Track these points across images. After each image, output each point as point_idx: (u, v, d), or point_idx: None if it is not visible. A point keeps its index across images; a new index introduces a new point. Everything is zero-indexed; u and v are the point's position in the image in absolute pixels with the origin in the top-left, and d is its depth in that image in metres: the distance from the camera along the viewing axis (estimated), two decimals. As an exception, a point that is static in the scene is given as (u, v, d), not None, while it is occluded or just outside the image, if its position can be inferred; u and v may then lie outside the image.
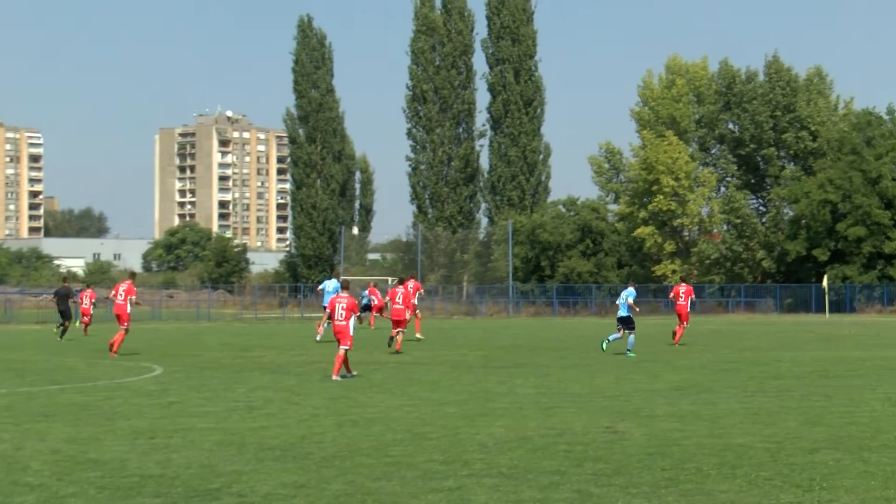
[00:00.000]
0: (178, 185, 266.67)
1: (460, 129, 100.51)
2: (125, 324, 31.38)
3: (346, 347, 23.59)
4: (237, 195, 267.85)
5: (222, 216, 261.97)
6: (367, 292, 49.13)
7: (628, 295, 32.18)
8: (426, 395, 19.91)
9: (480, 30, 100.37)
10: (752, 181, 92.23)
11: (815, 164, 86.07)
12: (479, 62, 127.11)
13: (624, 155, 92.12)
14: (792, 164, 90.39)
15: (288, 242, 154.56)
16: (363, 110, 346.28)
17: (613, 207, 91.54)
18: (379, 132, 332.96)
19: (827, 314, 71.88)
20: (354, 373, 24.24)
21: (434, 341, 39.60)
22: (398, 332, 32.75)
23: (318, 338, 37.64)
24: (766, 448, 13.42)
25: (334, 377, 23.25)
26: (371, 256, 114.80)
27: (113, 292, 33.19)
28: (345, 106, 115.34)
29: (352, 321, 24.42)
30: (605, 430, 15.12)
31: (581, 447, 13.55)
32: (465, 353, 32.47)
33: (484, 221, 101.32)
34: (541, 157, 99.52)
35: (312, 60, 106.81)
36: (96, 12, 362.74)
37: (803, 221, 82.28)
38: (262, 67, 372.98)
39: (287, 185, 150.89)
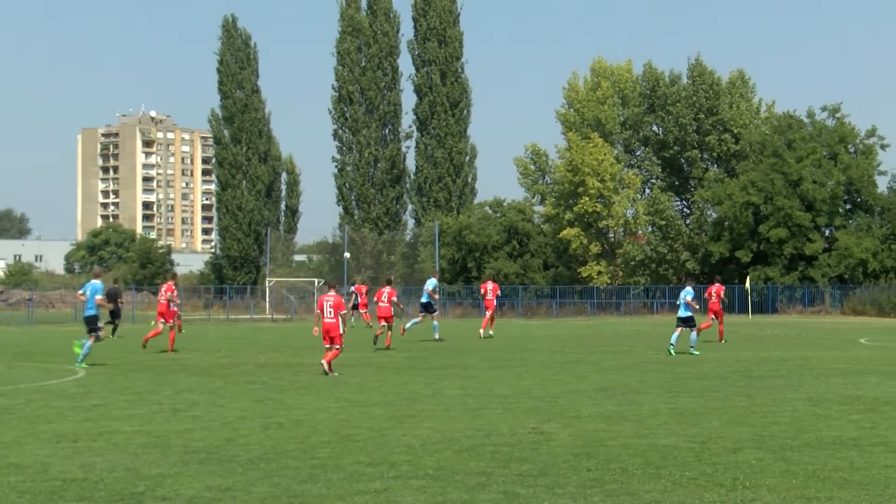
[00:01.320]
0: (101, 185, 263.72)
1: (387, 131, 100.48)
2: (170, 321, 34.38)
3: (339, 347, 24.91)
4: (161, 196, 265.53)
5: (146, 217, 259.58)
6: (353, 289, 50.71)
7: (686, 294, 33.14)
8: (353, 397, 19.86)
9: (406, 31, 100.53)
10: (677, 183, 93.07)
11: (738, 166, 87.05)
12: (406, 64, 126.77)
13: (550, 157, 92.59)
14: (715, 166, 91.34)
15: (213, 244, 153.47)
16: (289, 111, 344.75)
17: (539, 209, 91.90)
18: (305, 133, 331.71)
19: (750, 315, 72.73)
20: (336, 373, 24.75)
21: (360, 343, 39.53)
22: (386, 329, 35.84)
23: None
24: (691, 448, 13.55)
25: (331, 373, 24.52)
26: (297, 258, 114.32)
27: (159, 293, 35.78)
28: (271, 107, 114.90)
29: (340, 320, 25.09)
30: (532, 431, 15.17)
31: (507, 448, 13.58)
32: (391, 355, 32.43)
33: (410, 223, 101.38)
34: (467, 158, 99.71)
35: (237, 61, 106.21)
36: (18, 9, 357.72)
37: (726, 223, 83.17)
38: (186, 68, 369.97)
39: (212, 186, 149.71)
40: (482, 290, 45.28)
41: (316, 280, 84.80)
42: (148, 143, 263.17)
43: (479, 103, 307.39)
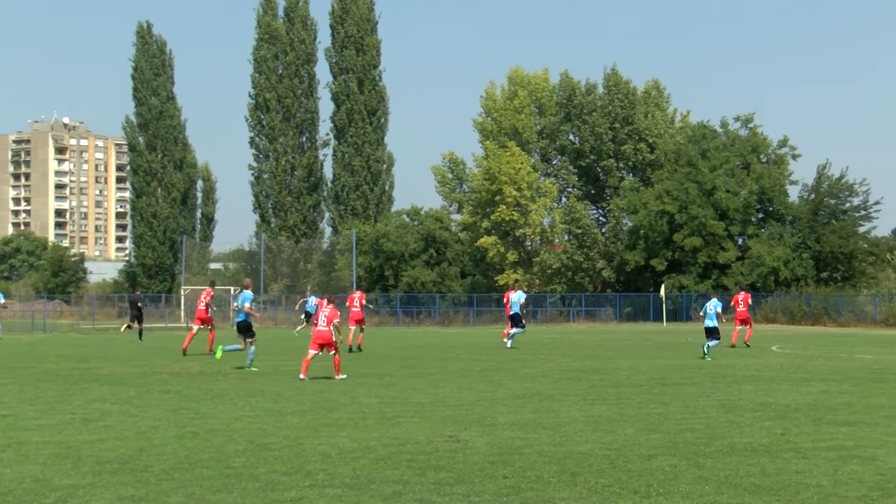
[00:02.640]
0: (12, 192, 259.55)
1: (304, 139, 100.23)
2: (209, 325, 37.65)
3: (337, 352, 26.21)
4: (74, 203, 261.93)
5: (59, 225, 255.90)
6: (315, 302, 52.75)
7: (715, 306, 35.01)
8: (269, 406, 19.73)
9: (324, 39, 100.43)
10: (593, 192, 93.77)
11: (653, 175, 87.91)
12: (323, 71, 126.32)
13: (467, 165, 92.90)
14: (631, 175, 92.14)
15: (127, 252, 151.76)
16: (205, 118, 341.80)
17: (457, 217, 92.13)
18: (221, 141, 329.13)
19: (664, 323, 73.46)
20: (343, 376, 26.21)
21: (277, 352, 39.30)
22: (357, 330, 39.31)
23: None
24: (606, 455, 13.63)
25: (338, 376, 25.89)
26: (213, 266, 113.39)
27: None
28: (186, 114, 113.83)
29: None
30: (448, 439, 15.17)
31: (424, 456, 13.57)
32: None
33: (328, 231, 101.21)
34: (384, 166, 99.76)
35: (152, 67, 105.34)
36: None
37: (641, 232, 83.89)
38: (100, 74, 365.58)
39: (126, 194, 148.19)
40: (504, 299, 46.58)
41: (232, 288, 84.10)
42: (61, 150, 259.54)
43: (397, 111, 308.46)
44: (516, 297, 41.15)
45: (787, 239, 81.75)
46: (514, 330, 41.24)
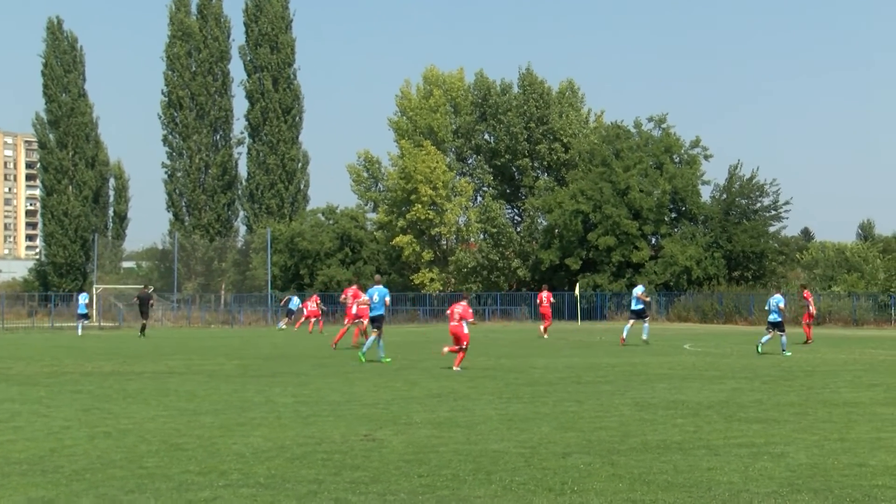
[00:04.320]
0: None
1: (217, 137, 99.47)
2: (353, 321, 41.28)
3: (465, 347, 28.66)
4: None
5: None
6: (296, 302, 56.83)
7: (778, 301, 36.26)
8: (182, 406, 19.55)
9: (238, 36, 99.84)
10: (508, 191, 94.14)
11: (568, 175, 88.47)
12: (237, 69, 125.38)
13: (382, 164, 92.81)
14: (546, 174, 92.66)
15: (38, 250, 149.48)
16: (118, 115, 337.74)
17: (372, 216, 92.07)
18: (134, 138, 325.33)
19: (579, 321, 73.95)
20: (459, 368, 28.26)
21: (191, 350, 38.98)
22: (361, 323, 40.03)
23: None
24: (521, 453, 13.68)
25: (456, 368, 28.08)
26: (126, 265, 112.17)
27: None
28: (98, 111, 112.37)
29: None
30: (364, 438, 15.14)
31: (339, 456, 13.53)
32: (222, 363, 32.03)
33: (242, 229, 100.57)
34: (299, 165, 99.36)
35: (63, 64, 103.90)
36: None
37: (556, 231, 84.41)
38: (8, 70, 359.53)
39: (37, 192, 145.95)
40: (538, 300, 53.13)
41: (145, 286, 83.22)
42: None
43: (312, 109, 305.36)
44: (637, 291, 43.65)
45: (699, 238, 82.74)
46: (635, 322, 44.01)
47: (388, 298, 32.77)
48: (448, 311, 30.42)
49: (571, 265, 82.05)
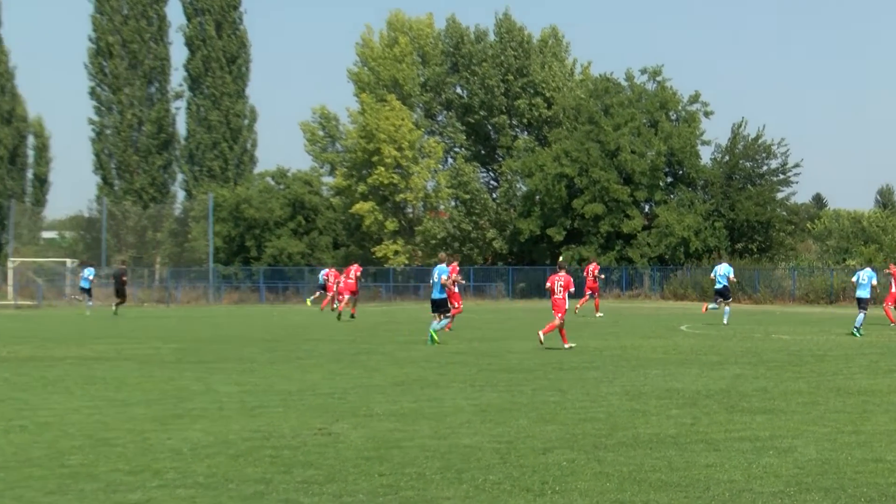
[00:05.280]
0: None
1: (153, 89, 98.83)
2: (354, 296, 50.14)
3: (561, 319, 30.87)
4: None
5: None
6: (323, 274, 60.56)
7: (870, 277, 36.86)
8: (111, 396, 19.48)
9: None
10: (483, 152, 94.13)
11: (550, 134, 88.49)
12: (175, 13, 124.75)
13: (341, 121, 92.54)
14: (525, 133, 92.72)
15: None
16: (38, 65, 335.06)
17: (329, 180, 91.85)
18: (57, 91, 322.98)
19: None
20: (571, 344, 30.40)
21: (121, 333, 38.87)
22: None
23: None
24: (496, 449, 13.69)
25: (566, 344, 30.20)
26: (46, 234, 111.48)
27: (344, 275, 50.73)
28: (15, 60, 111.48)
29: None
30: (318, 431, 15.13)
31: (290, 452, 13.51)
32: (157, 347, 31.96)
33: (180, 195, 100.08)
34: (246, 121, 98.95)
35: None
36: None
37: (537, 197, 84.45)
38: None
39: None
40: (585, 272, 54.33)
41: (68, 260, 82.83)
42: None
43: (260, 59, 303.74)
44: (724, 270, 44.10)
45: (698, 206, 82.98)
46: (712, 305, 44.92)
47: (444, 276, 33.71)
48: (548, 285, 32.00)
49: (554, 236, 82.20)
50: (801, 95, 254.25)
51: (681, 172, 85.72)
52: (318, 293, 63.00)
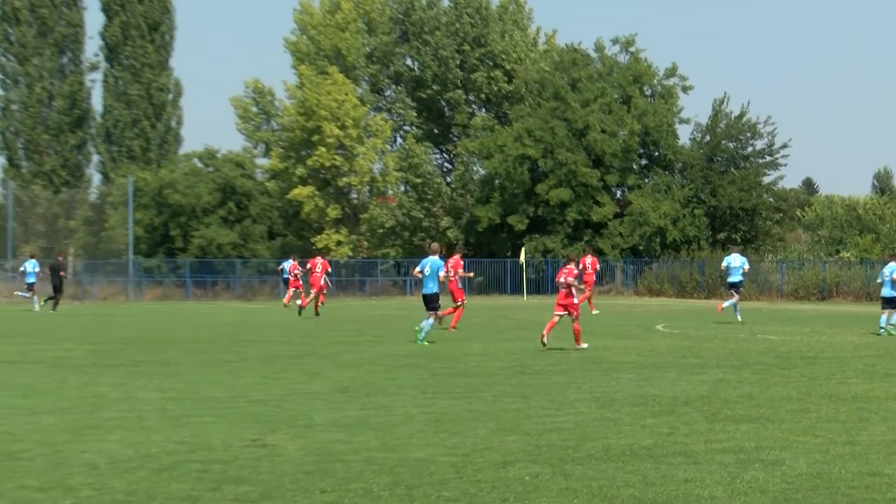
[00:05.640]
0: None
1: (65, 60, 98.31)
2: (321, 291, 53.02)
3: (577, 315, 31.33)
4: None
5: None
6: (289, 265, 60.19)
7: (892, 271, 36.31)
8: (18, 403, 19.39)
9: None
10: (436, 131, 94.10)
11: (512, 110, 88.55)
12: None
13: (276, 96, 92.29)
14: (483, 110, 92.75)
15: None
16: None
17: (264, 162, 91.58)
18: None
19: (525, 296, 74.17)
20: (585, 345, 30.71)
21: (29, 332, 38.65)
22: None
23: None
24: (451, 462, 13.71)
25: (579, 345, 30.58)
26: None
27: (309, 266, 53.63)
28: None
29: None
30: (251, 443, 15.11)
31: (220, 466, 13.49)
32: (70, 348, 31.83)
33: (96, 178, 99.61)
34: (170, 96, 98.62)
35: None
36: None
37: (497, 182, 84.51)
38: None
39: None
40: (581, 264, 51.58)
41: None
42: None
43: (186, 26, 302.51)
44: (740, 262, 45.18)
45: (675, 191, 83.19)
46: (729, 302, 44.67)
47: (441, 273, 34.35)
48: (561, 279, 31.78)
49: (515, 225, 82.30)
50: (790, 69, 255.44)
51: (656, 154, 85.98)
52: (291, 291, 62.32)
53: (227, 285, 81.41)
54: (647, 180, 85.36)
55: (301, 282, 58.99)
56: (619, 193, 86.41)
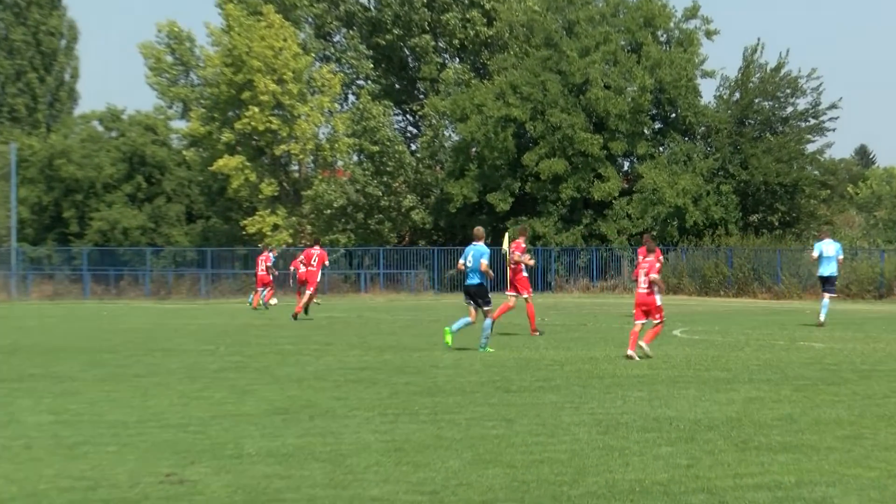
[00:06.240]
0: None
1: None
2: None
3: (661, 321, 32.05)
4: None
5: None
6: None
7: None
8: None
9: None
10: (398, 87, 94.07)
11: (492, 61, 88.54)
12: None
13: (197, 43, 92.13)
14: (457, 61, 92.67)
15: None
16: None
17: (181, 126, 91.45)
18: None
19: (509, 294, 74.07)
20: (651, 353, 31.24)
21: None
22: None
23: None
24: (416, 502, 13.74)
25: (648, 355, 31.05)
26: None
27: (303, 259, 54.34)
28: None
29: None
30: (165, 479, 15.11)
31: (126, 508, 13.50)
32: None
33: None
34: (63, 42, 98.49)
35: None
36: None
37: (474, 151, 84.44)
38: None
39: None
40: (640, 256, 50.97)
41: None
42: None
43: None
44: (835, 250, 45.36)
45: (697, 163, 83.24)
46: (825, 303, 45.08)
47: (484, 260, 34.85)
48: (634, 273, 32.51)
49: (497, 204, 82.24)
50: (839, 10, 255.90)
51: (673, 116, 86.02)
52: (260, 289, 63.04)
53: (136, 280, 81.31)
54: (661, 149, 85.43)
55: (271, 277, 59.80)
56: (626, 165, 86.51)
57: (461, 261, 35.57)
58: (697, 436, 18.45)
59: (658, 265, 32.12)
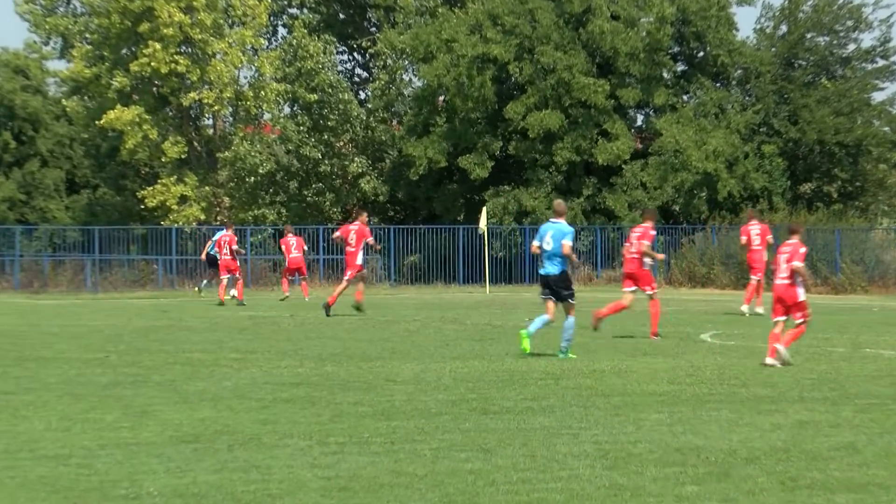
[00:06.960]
0: None
1: None
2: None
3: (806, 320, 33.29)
4: None
5: None
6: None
7: None
8: None
9: None
10: (342, 17, 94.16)
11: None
12: None
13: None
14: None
15: None
16: None
17: (59, 67, 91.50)
18: None
19: (488, 285, 74.24)
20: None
21: None
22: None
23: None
24: (366, 556, 13.80)
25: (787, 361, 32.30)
26: None
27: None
28: None
29: None
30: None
31: (-10, 564, 13.53)
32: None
33: None
34: None
35: None
36: None
37: (442, 100, 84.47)
38: None
39: None
40: (743, 239, 55.06)
41: None
42: None
43: None
44: None
45: (732, 117, 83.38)
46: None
47: (567, 241, 36.11)
48: (773, 261, 33.15)
49: (472, 170, 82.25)
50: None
51: (701, 55, 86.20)
52: (211, 273, 64.65)
53: (1, 267, 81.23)
54: (685, 98, 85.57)
55: (237, 263, 60.64)
56: (640, 119, 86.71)
57: (535, 242, 36.42)
58: (733, 471, 18.50)
59: (803, 250, 32.70)
